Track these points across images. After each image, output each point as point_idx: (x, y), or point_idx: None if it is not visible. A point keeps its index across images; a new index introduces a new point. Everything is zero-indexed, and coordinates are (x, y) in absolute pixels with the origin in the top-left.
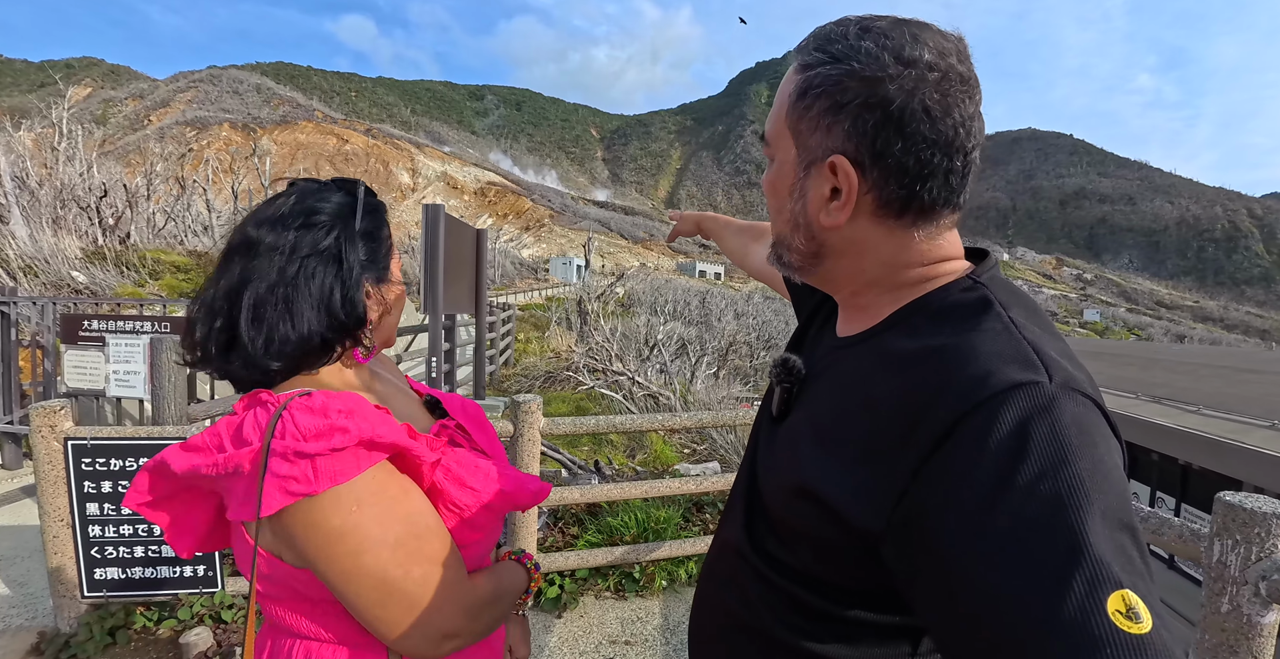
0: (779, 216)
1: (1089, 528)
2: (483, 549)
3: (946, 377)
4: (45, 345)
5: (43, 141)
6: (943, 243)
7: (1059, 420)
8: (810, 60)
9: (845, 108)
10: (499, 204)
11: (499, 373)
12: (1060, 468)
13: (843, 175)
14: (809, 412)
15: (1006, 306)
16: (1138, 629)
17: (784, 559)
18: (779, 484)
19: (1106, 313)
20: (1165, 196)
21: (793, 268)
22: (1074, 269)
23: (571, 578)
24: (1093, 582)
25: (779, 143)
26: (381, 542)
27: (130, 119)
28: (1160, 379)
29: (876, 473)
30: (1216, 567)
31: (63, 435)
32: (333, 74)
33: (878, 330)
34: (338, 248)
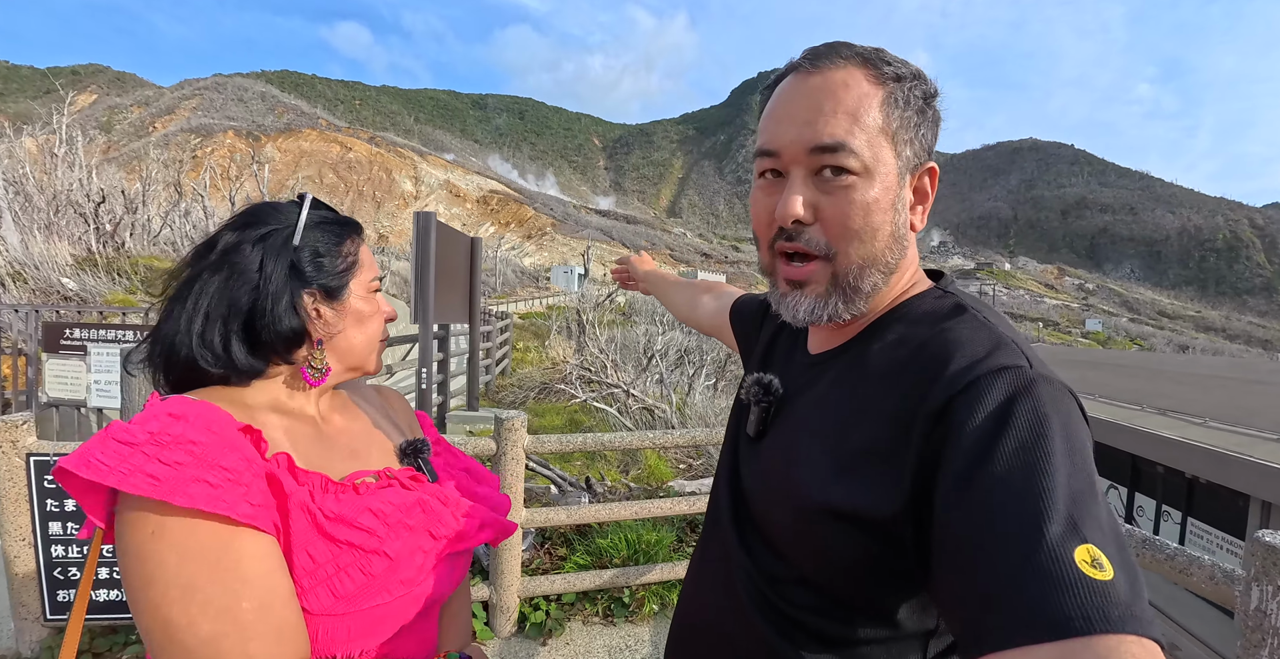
0: (875, 237)
1: (1059, 492)
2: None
3: (938, 366)
4: (28, 353)
5: (44, 147)
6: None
7: (1039, 399)
8: (900, 72)
9: (927, 121)
10: (501, 212)
11: (495, 383)
12: (1038, 440)
13: (928, 180)
14: (800, 430)
15: (978, 310)
16: (1102, 576)
17: (786, 576)
18: (793, 508)
19: (1108, 323)
20: (1166, 206)
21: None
22: (1076, 279)
23: (558, 603)
24: (1063, 535)
25: (878, 154)
26: (174, 579)
27: (135, 126)
28: (1165, 390)
29: (888, 465)
30: (1255, 615)
31: (25, 451)
32: (337, 82)
33: (857, 341)
34: (257, 258)
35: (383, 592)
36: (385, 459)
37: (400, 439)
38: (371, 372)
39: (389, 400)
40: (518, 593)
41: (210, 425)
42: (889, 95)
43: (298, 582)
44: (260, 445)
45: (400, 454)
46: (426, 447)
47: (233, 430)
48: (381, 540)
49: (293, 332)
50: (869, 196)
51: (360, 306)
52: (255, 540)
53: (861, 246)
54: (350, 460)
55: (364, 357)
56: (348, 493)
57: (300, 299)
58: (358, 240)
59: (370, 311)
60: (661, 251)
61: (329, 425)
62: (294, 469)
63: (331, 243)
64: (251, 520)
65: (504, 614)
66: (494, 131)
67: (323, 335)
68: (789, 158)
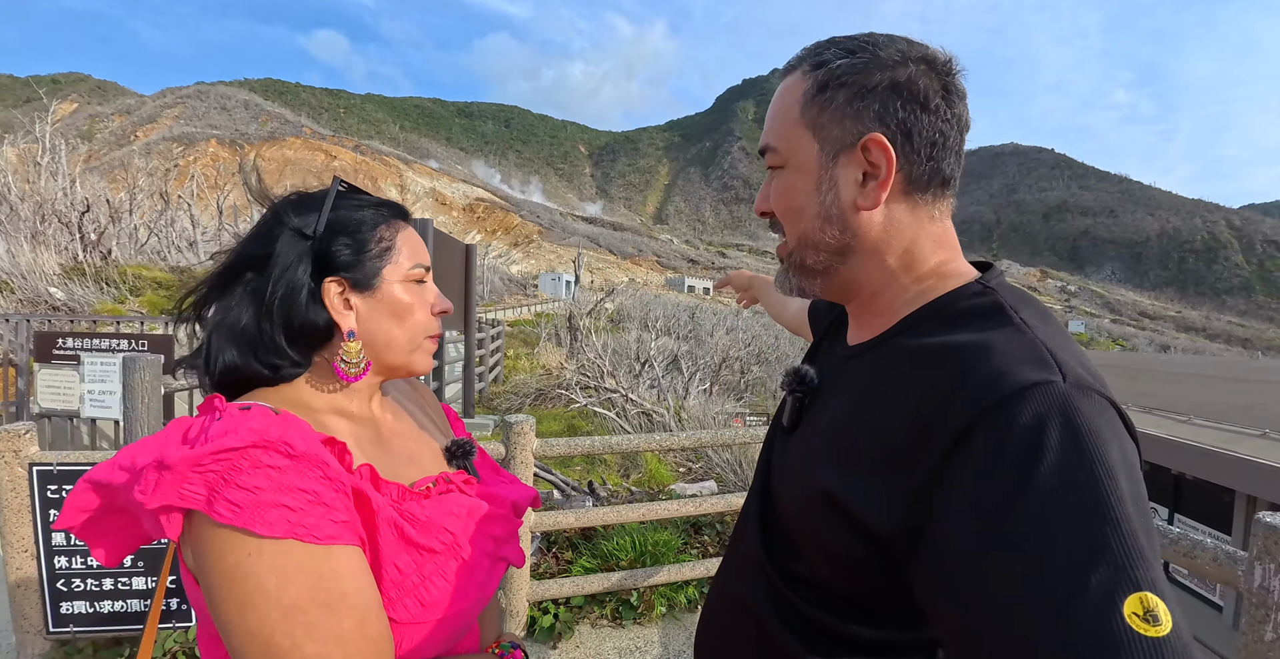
0: (800, 218)
1: (1106, 529)
2: (455, 624)
3: (961, 377)
4: (19, 364)
5: (26, 157)
6: (948, 228)
7: (1074, 420)
8: (825, 58)
9: (872, 91)
10: (488, 220)
11: (489, 390)
12: (1077, 468)
13: (879, 153)
14: (824, 419)
15: (1018, 310)
16: (1155, 632)
17: (802, 573)
18: (796, 493)
19: (1091, 324)
20: (1146, 209)
21: (813, 273)
22: (1058, 281)
23: (566, 606)
24: (1110, 584)
25: (792, 145)
26: (275, 602)
27: (116, 135)
28: (1149, 389)
29: (895, 475)
30: (1259, 592)
31: (27, 461)
32: (321, 90)
33: (890, 335)
34: (283, 247)
35: (462, 596)
36: (437, 462)
37: (441, 439)
38: (419, 372)
39: (422, 395)
40: (526, 597)
41: (293, 445)
42: (808, 86)
43: (385, 594)
44: (345, 458)
45: (448, 456)
46: (472, 448)
47: (317, 445)
48: (459, 547)
49: (317, 323)
50: (788, 182)
51: (399, 297)
52: (348, 556)
53: (792, 226)
54: (410, 465)
55: (406, 354)
56: (424, 501)
57: (324, 288)
58: (396, 225)
59: (411, 303)
60: (649, 258)
61: (385, 428)
62: (377, 481)
63: (363, 228)
64: (336, 538)
65: (513, 618)
66: (480, 139)
67: (354, 328)
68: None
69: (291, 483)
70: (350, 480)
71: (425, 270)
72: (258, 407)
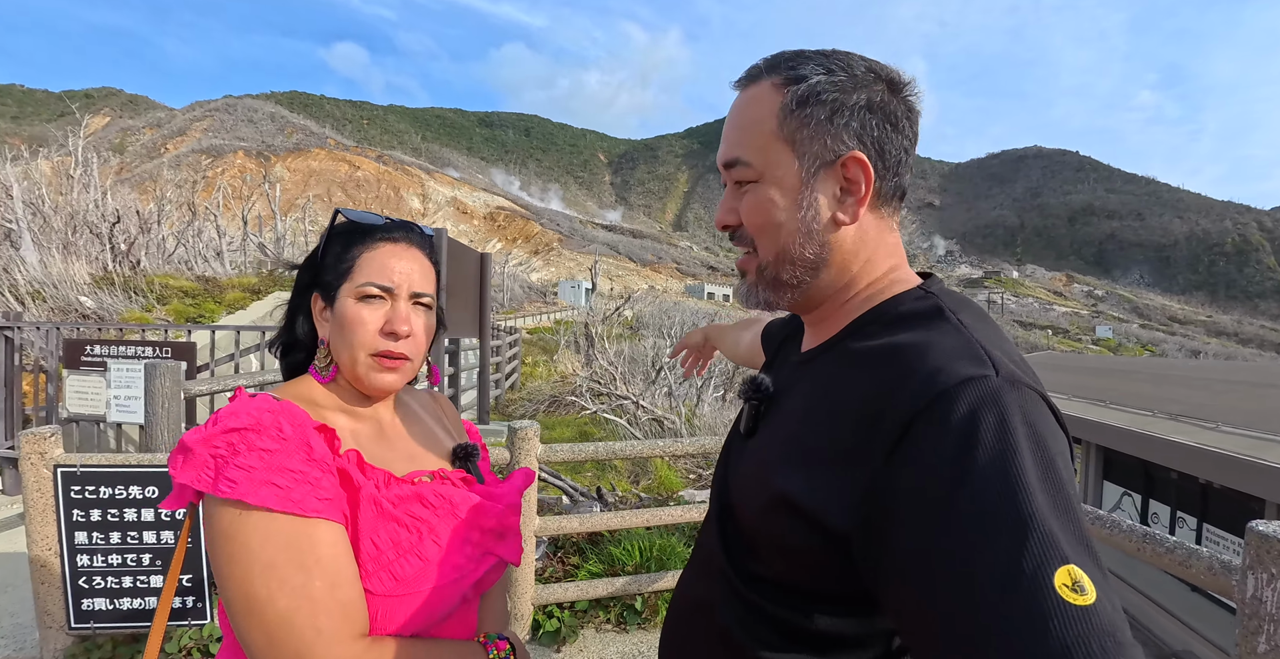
0: (778, 233)
1: (1035, 509)
2: (431, 604)
3: (902, 375)
4: (48, 370)
5: (60, 169)
6: (899, 238)
7: (1006, 410)
8: (803, 73)
9: (851, 109)
10: (508, 228)
11: (504, 397)
12: (1008, 454)
13: (857, 170)
14: (778, 424)
15: (956, 311)
16: (1083, 601)
17: (761, 573)
18: (753, 497)
19: (1119, 329)
20: (1174, 211)
21: (786, 287)
22: (1085, 286)
23: (571, 610)
24: (1040, 558)
25: (769, 159)
26: (256, 558)
27: (147, 147)
28: (1176, 395)
29: (845, 473)
30: (1251, 603)
31: (52, 463)
32: (344, 102)
33: (838, 339)
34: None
35: (436, 575)
36: (440, 461)
37: (452, 443)
38: (375, 390)
39: (442, 406)
40: (531, 600)
41: (283, 429)
42: (787, 100)
43: (362, 566)
44: (334, 443)
45: (453, 457)
46: (476, 451)
47: (308, 430)
48: (433, 527)
49: (304, 332)
50: (763, 197)
51: (345, 313)
52: (327, 528)
53: (769, 241)
54: (409, 461)
55: (352, 367)
56: (408, 486)
57: (313, 304)
58: (371, 246)
59: (354, 319)
60: (668, 265)
61: (392, 428)
62: (363, 465)
63: (339, 250)
64: (319, 513)
65: (518, 622)
66: (500, 148)
67: (324, 337)
68: (723, 175)
69: (281, 463)
70: (336, 462)
71: (380, 289)
72: (263, 395)
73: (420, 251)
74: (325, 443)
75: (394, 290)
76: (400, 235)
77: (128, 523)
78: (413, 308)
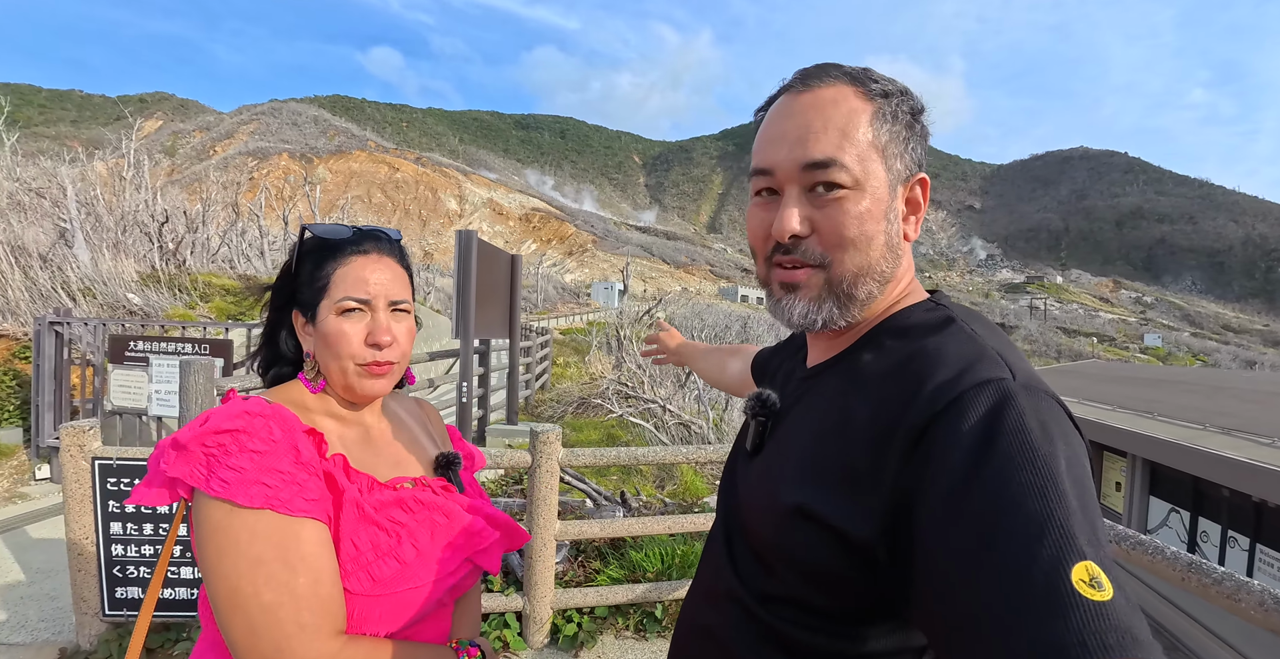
0: (869, 246)
1: (1053, 504)
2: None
3: (918, 380)
4: (95, 364)
5: (114, 171)
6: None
7: (1024, 411)
8: (888, 88)
9: (917, 133)
10: (543, 229)
11: (534, 397)
12: (1027, 453)
13: (920, 190)
14: (788, 439)
15: (968, 321)
16: (1100, 596)
17: (775, 593)
18: (765, 513)
19: (1169, 337)
20: (1228, 215)
21: (857, 303)
22: (1132, 292)
23: (590, 616)
24: (1058, 554)
25: (867, 167)
26: (244, 553)
27: (197, 150)
28: (1229, 408)
29: (865, 482)
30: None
31: (90, 455)
32: (385, 105)
33: (848, 352)
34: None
35: (412, 578)
36: (423, 468)
37: (435, 451)
38: (365, 396)
39: (428, 414)
40: (551, 604)
41: (274, 432)
42: (877, 110)
43: (343, 566)
44: (321, 447)
45: (435, 465)
46: (458, 460)
47: (297, 433)
48: (413, 532)
49: (289, 347)
50: (861, 208)
51: (328, 328)
52: (312, 527)
53: (856, 255)
54: (393, 467)
55: (342, 378)
56: (389, 492)
57: (295, 320)
58: (342, 260)
59: (338, 334)
60: (702, 267)
61: (378, 434)
62: (348, 469)
63: (311, 268)
64: (305, 512)
65: (537, 625)
66: (536, 150)
67: (310, 351)
68: (783, 176)
69: (271, 465)
70: (322, 465)
71: (359, 302)
72: (256, 398)
73: (392, 259)
74: (313, 447)
75: (372, 302)
76: (370, 246)
77: (160, 515)
78: (392, 315)
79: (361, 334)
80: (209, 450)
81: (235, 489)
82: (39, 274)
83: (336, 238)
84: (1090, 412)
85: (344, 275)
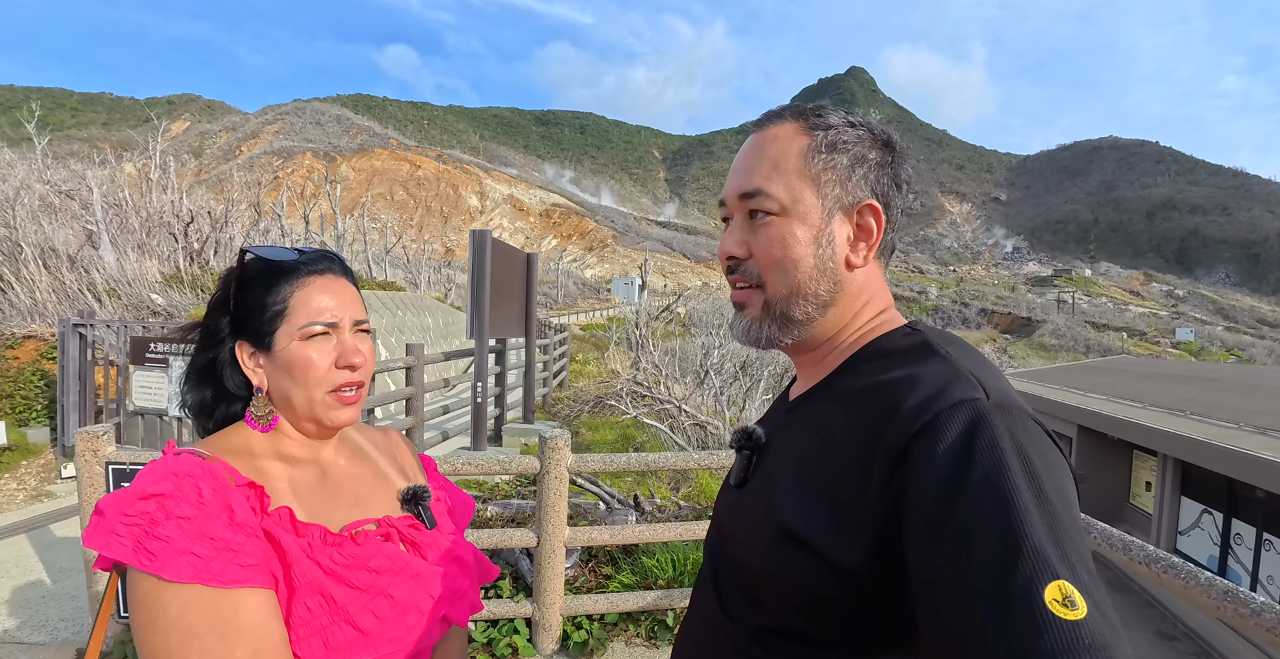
0: (796, 269)
1: (1027, 524)
2: None
3: (894, 404)
4: (119, 365)
5: (142, 172)
6: (886, 284)
7: (997, 430)
8: (831, 121)
9: (867, 163)
10: (563, 225)
11: (552, 395)
12: (1001, 472)
13: (870, 217)
14: (772, 470)
15: (943, 345)
16: (1073, 615)
17: (767, 625)
18: (753, 542)
19: (1201, 332)
20: (1264, 205)
21: (794, 324)
22: (1164, 285)
23: (600, 622)
24: (1031, 573)
25: (796, 194)
26: (173, 626)
27: (223, 150)
28: (1265, 406)
29: (850, 507)
30: None
31: (104, 460)
32: (406, 104)
33: (828, 381)
34: (212, 318)
35: (371, 648)
36: (387, 506)
37: (403, 484)
38: (335, 425)
39: (395, 444)
40: (560, 611)
41: (203, 494)
42: (813, 143)
43: (293, 631)
44: (264, 501)
45: (401, 501)
46: (426, 493)
47: (229, 492)
48: (374, 599)
49: (237, 384)
50: (786, 232)
51: (292, 356)
52: (250, 595)
53: (785, 276)
54: (354, 508)
55: (309, 409)
56: (346, 544)
57: (239, 352)
58: (299, 283)
59: (306, 360)
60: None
61: (336, 471)
62: (295, 523)
63: (261, 293)
64: (242, 582)
65: (546, 632)
66: (556, 146)
67: (262, 384)
68: (731, 205)
69: (201, 531)
70: (263, 523)
71: (326, 327)
72: (187, 453)
73: (346, 279)
74: (251, 503)
75: (338, 324)
76: (325, 266)
77: None
78: (356, 336)
79: (330, 357)
80: (131, 521)
81: (162, 562)
82: (66, 276)
83: (285, 260)
84: (1120, 409)
85: (305, 298)
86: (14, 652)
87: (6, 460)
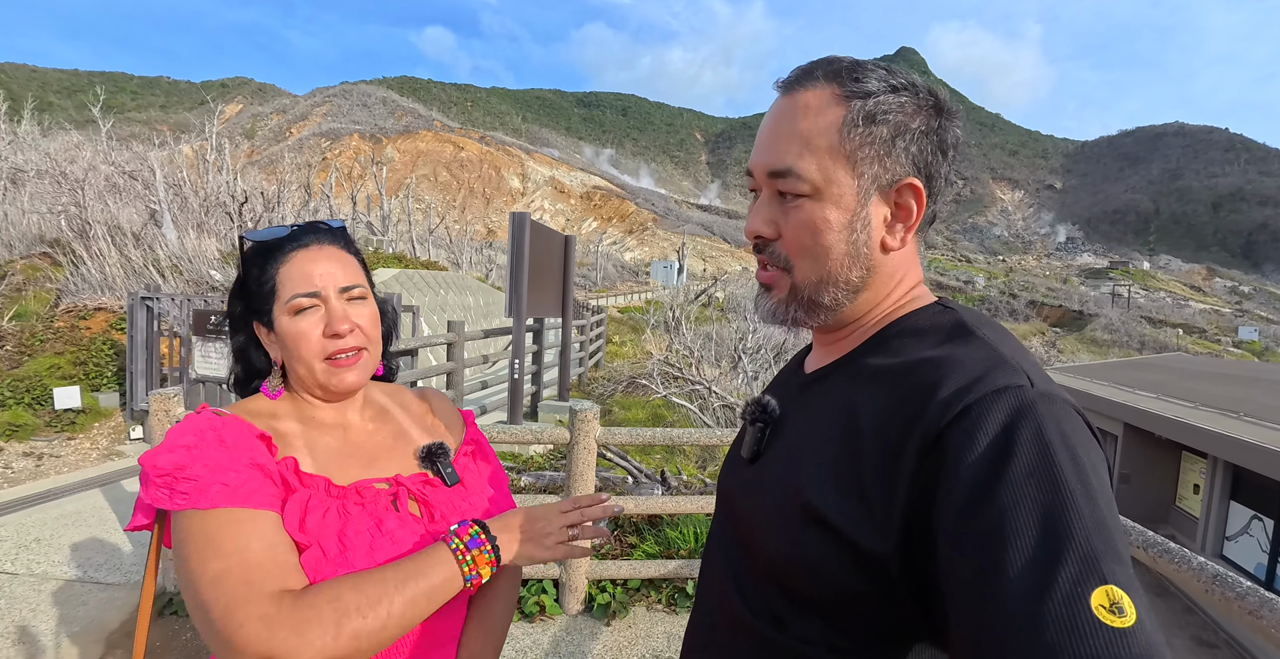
0: (827, 255)
1: (1075, 522)
2: None
3: (931, 386)
4: (181, 336)
5: (199, 154)
6: (918, 262)
7: (1043, 420)
8: (870, 86)
9: (910, 133)
10: (604, 208)
11: (587, 375)
12: (1045, 465)
13: (910, 197)
14: (791, 446)
15: (979, 326)
16: (1121, 623)
17: (789, 614)
18: (773, 519)
19: (1266, 331)
20: None
21: (822, 310)
22: (1228, 281)
23: (624, 587)
24: (1078, 576)
25: (829, 175)
26: (197, 535)
27: (274, 132)
28: None
29: (876, 492)
30: None
31: (174, 419)
32: (450, 86)
33: (854, 356)
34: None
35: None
36: (403, 465)
37: (427, 442)
38: (341, 391)
39: (432, 404)
40: (586, 574)
41: (224, 439)
42: (850, 114)
43: None
44: (272, 450)
45: (419, 458)
46: (444, 450)
47: (248, 438)
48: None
49: (260, 358)
50: (818, 217)
51: (284, 330)
52: (268, 516)
53: (814, 264)
54: (366, 468)
55: (311, 377)
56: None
57: (259, 332)
58: (283, 259)
59: (296, 332)
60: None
61: (355, 433)
62: (298, 472)
63: (257, 274)
64: (263, 505)
65: (573, 594)
66: (598, 128)
67: (277, 358)
68: (758, 179)
69: (227, 465)
70: (276, 467)
71: (308, 297)
72: (208, 412)
73: (335, 247)
74: (264, 450)
75: (321, 293)
76: (309, 239)
77: None
78: (347, 303)
79: (318, 327)
80: (163, 471)
81: (195, 498)
82: (132, 252)
83: (271, 239)
84: (1169, 408)
85: (288, 273)
86: (93, 590)
87: (81, 422)
